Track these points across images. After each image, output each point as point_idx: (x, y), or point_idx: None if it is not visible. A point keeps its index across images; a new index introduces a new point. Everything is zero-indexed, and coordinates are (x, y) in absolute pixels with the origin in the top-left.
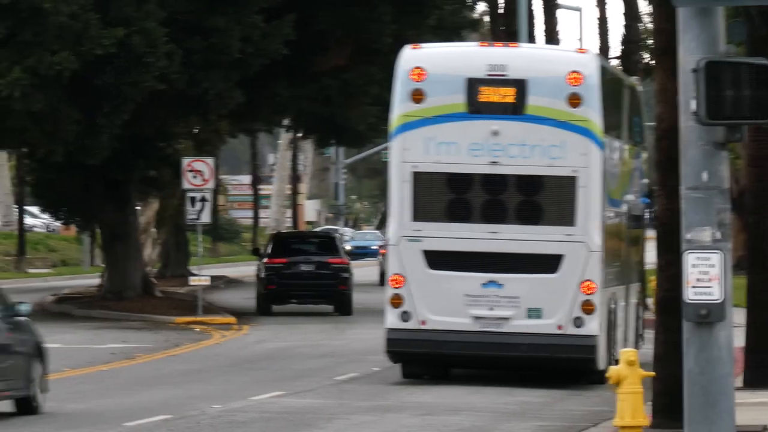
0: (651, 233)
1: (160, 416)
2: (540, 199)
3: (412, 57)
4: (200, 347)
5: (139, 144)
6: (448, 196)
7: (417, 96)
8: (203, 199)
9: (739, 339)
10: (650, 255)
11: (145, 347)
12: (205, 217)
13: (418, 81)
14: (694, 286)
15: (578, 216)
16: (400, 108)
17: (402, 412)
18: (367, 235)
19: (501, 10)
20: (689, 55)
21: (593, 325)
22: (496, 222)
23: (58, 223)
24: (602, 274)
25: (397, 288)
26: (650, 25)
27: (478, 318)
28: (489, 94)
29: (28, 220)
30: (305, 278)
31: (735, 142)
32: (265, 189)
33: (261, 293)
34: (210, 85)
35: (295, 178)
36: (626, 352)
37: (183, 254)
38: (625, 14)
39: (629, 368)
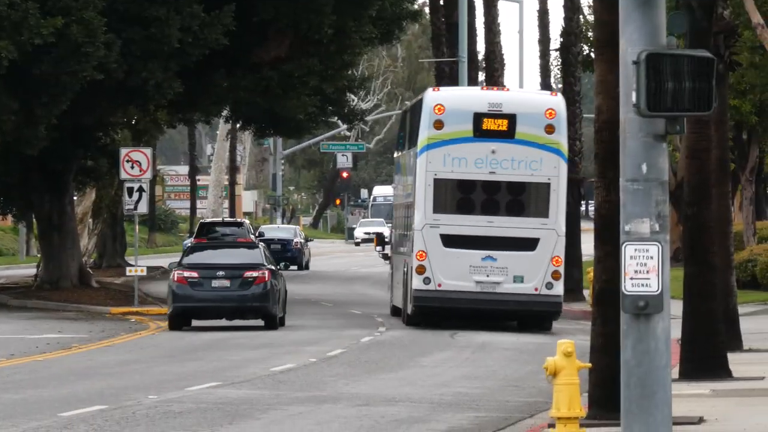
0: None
1: (96, 406)
2: (524, 198)
3: (434, 96)
4: (136, 338)
5: (77, 134)
6: (458, 195)
7: (438, 125)
8: (140, 190)
9: (676, 330)
10: (587, 247)
11: (80, 337)
12: (143, 208)
13: (439, 114)
14: (632, 278)
15: (551, 210)
16: (425, 133)
17: (338, 403)
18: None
19: (441, 1)
20: (630, 47)
21: (559, 288)
22: (492, 214)
23: None
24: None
25: (421, 260)
26: (591, 17)
27: (478, 282)
28: (489, 124)
29: None
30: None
31: (675, 134)
32: (202, 180)
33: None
34: (149, 75)
35: (232, 169)
36: (563, 344)
37: (120, 245)
38: (565, 6)
39: (566, 359)
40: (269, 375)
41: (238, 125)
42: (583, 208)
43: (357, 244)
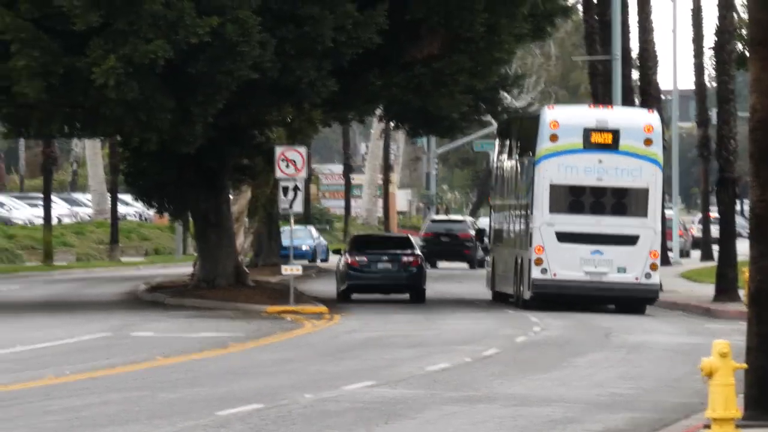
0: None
1: (252, 405)
2: (626, 201)
3: (550, 114)
4: (292, 336)
5: (232, 133)
6: (571, 198)
7: (553, 138)
8: (296, 189)
9: None
10: (743, 246)
11: (237, 336)
12: (298, 207)
13: (554, 129)
14: None
15: (649, 211)
16: (542, 145)
17: (493, 403)
18: (298, 232)
19: None
20: None
21: (656, 278)
22: (600, 214)
23: (151, 212)
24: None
25: (539, 254)
26: (745, 15)
27: (588, 272)
28: (596, 138)
29: (121, 209)
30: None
31: None
32: (356, 179)
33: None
34: (303, 74)
35: (386, 168)
36: (719, 344)
37: (275, 243)
38: (719, 4)
39: (722, 360)
40: (424, 374)
41: (391, 124)
42: (738, 207)
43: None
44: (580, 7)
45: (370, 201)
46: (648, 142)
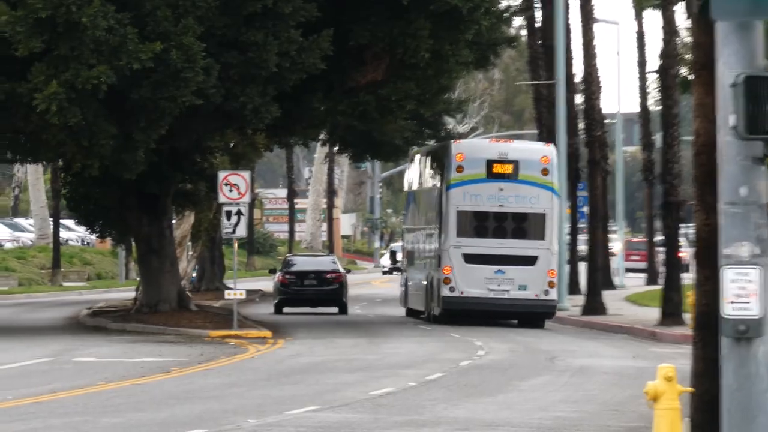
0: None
1: (196, 430)
2: (526, 225)
3: (456, 147)
4: (235, 361)
5: (174, 158)
6: (475, 223)
7: (460, 169)
8: (239, 213)
9: None
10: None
11: (179, 361)
12: (241, 231)
13: (460, 161)
14: (732, 302)
15: (546, 234)
16: (450, 175)
17: (437, 427)
18: None
19: (538, 24)
20: (728, 70)
21: (554, 294)
22: (502, 237)
23: (93, 236)
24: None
25: (447, 273)
26: (688, 39)
27: (492, 290)
28: (498, 168)
29: (64, 234)
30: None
31: None
32: (300, 203)
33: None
34: (247, 99)
35: (330, 192)
36: (664, 368)
37: (218, 268)
38: (663, 28)
39: (667, 384)
40: (368, 398)
41: (335, 149)
42: (682, 231)
43: (387, 272)
44: (524, 32)
45: (314, 225)
46: (545, 172)
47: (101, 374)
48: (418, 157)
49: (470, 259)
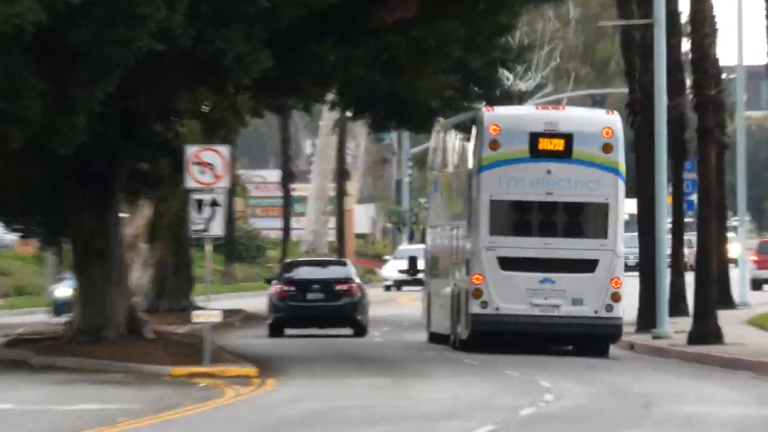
0: None
1: None
2: (581, 219)
3: (490, 117)
4: (207, 409)
5: (127, 126)
6: (515, 217)
7: (494, 145)
8: (214, 203)
9: None
10: None
11: (129, 409)
12: (217, 228)
13: (494, 134)
14: None
15: (609, 231)
16: (481, 154)
17: None
18: None
19: None
20: None
21: (619, 310)
22: (550, 236)
23: (12, 237)
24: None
25: (478, 284)
26: None
27: (536, 305)
28: (545, 144)
29: None
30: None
31: None
32: (300, 189)
33: None
34: (226, 44)
35: (341, 175)
36: None
37: (185, 279)
38: None
39: None
40: None
41: (348, 114)
42: None
43: (388, 288)
44: None
45: (318, 220)
46: (607, 148)
47: (20, 428)
48: (443, 131)
49: (508, 264)
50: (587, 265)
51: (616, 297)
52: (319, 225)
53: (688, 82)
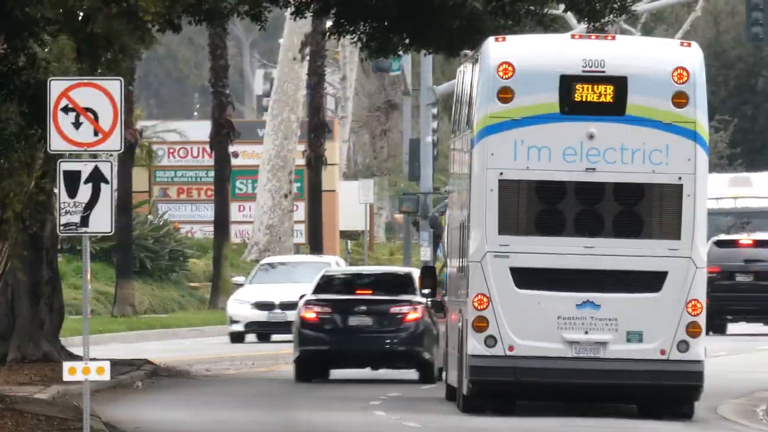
0: None
1: None
2: (641, 209)
3: (498, 51)
4: None
5: None
6: (539, 206)
7: (504, 95)
8: (97, 177)
9: None
10: None
11: None
12: (102, 221)
13: (505, 78)
14: None
15: (684, 228)
16: (484, 108)
17: None
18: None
19: None
20: None
21: (699, 350)
22: (592, 236)
23: None
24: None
25: (481, 310)
26: None
27: (572, 342)
28: (585, 93)
29: None
30: None
31: None
32: (245, 154)
33: None
34: None
35: (316, 130)
36: None
37: (47, 310)
38: None
39: None
40: None
41: (329, 23)
42: None
43: (236, 336)
44: None
45: (275, 207)
46: (680, 99)
47: None
48: (470, 64)
49: (527, 279)
50: (650, 281)
51: (693, 330)
52: (277, 216)
53: None
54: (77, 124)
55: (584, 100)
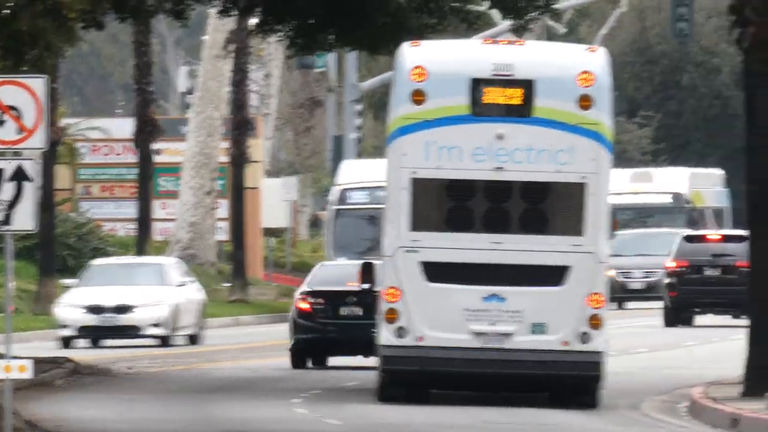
0: None
1: None
2: (546, 207)
3: (412, 55)
4: None
5: None
6: (449, 204)
7: (417, 97)
8: (20, 176)
9: None
10: None
11: None
12: (25, 219)
13: (418, 81)
14: None
15: (586, 224)
16: (399, 110)
17: None
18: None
19: None
20: None
21: (600, 341)
22: (500, 232)
23: None
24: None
25: (392, 302)
26: None
27: (479, 334)
28: (494, 96)
29: None
30: None
31: None
32: (168, 152)
33: None
34: None
35: (239, 127)
36: None
37: None
38: None
39: None
40: None
41: (254, 21)
42: None
43: (68, 340)
44: None
45: (198, 205)
46: (585, 101)
47: None
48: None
49: (437, 273)
50: (554, 275)
51: (595, 322)
52: (200, 214)
53: None
54: (0, 122)
55: (493, 102)
